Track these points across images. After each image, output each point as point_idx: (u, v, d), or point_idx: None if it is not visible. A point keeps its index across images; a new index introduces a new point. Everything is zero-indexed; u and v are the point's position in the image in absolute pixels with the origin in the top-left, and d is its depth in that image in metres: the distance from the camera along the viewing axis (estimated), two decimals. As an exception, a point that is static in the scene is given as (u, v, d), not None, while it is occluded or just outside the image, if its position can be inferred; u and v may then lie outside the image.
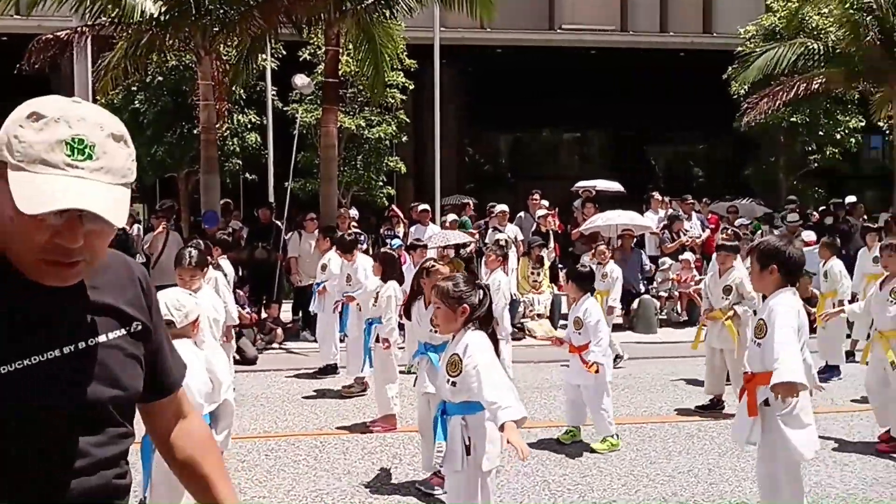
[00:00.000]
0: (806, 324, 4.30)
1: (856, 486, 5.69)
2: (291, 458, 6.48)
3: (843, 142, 18.46)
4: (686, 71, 20.04)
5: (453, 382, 3.97)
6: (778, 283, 4.29)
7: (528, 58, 20.64)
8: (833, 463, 6.09)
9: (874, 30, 13.98)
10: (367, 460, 6.41)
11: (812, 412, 4.23)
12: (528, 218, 14.46)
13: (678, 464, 6.27)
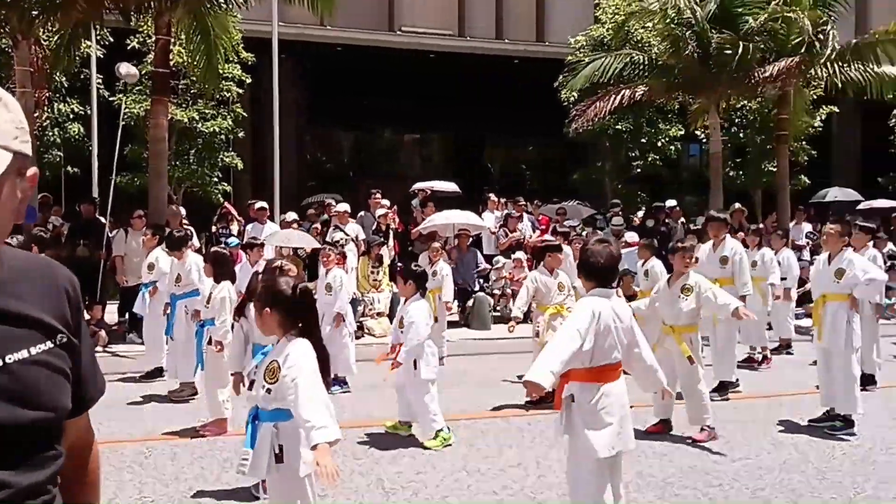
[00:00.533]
0: (619, 322, 4.30)
1: (673, 474, 6.04)
2: (115, 465, 6.13)
3: (663, 149, 19.62)
4: (520, 77, 20.67)
5: (268, 389, 3.84)
6: (586, 285, 4.45)
7: (368, 57, 20.61)
8: (653, 454, 6.44)
9: (693, 44, 14.94)
10: (197, 465, 6.18)
11: (621, 412, 4.27)
12: (368, 216, 14.46)
13: (509, 458, 6.43)
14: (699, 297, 6.98)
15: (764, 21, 14.73)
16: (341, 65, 20.72)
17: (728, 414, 7.81)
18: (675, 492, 5.65)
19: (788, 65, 14.53)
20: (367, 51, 20.81)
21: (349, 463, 6.27)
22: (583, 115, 15.65)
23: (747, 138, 20.38)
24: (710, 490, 5.69)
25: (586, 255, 4.45)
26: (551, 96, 18.41)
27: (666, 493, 5.63)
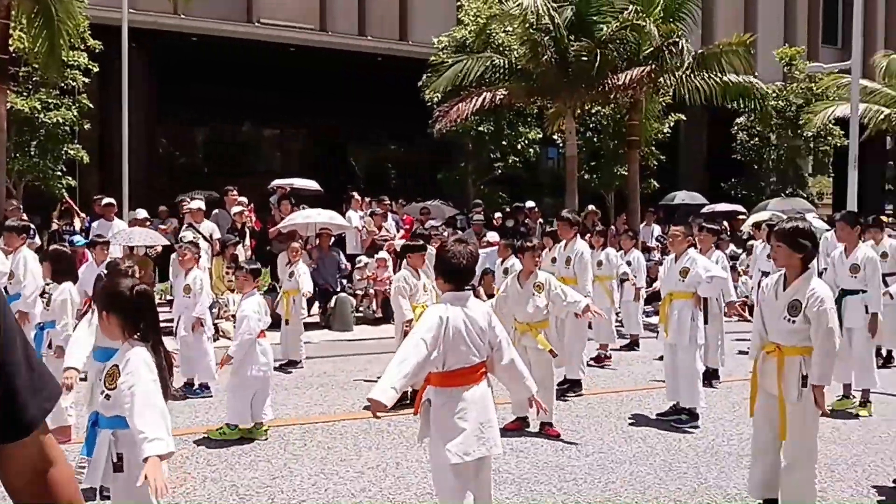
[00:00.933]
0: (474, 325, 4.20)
1: (529, 470, 6.12)
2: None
3: (523, 151, 20.04)
4: (384, 75, 20.59)
5: (107, 395, 3.64)
6: (442, 287, 4.36)
7: (225, 49, 19.98)
8: (510, 450, 6.50)
9: (551, 50, 15.29)
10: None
11: (480, 417, 4.16)
12: (224, 214, 13.99)
13: (368, 459, 6.34)
14: (549, 294, 7.13)
15: (616, 29, 15.26)
16: (197, 56, 19.99)
17: (581, 410, 8.02)
18: (531, 487, 5.73)
19: (640, 73, 15.12)
20: (224, 42, 20.17)
21: (202, 469, 6.03)
22: (446, 115, 15.73)
23: (601, 143, 21.12)
24: (563, 485, 5.80)
25: (446, 255, 4.30)
26: (415, 95, 18.45)
27: (522, 488, 5.70)
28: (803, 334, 4.82)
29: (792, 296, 4.84)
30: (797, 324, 4.81)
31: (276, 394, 8.71)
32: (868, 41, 23.34)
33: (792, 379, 4.81)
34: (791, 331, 4.85)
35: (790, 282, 4.90)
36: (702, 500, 5.53)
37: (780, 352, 4.88)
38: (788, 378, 4.83)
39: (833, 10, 29.87)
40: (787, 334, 4.87)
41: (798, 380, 4.78)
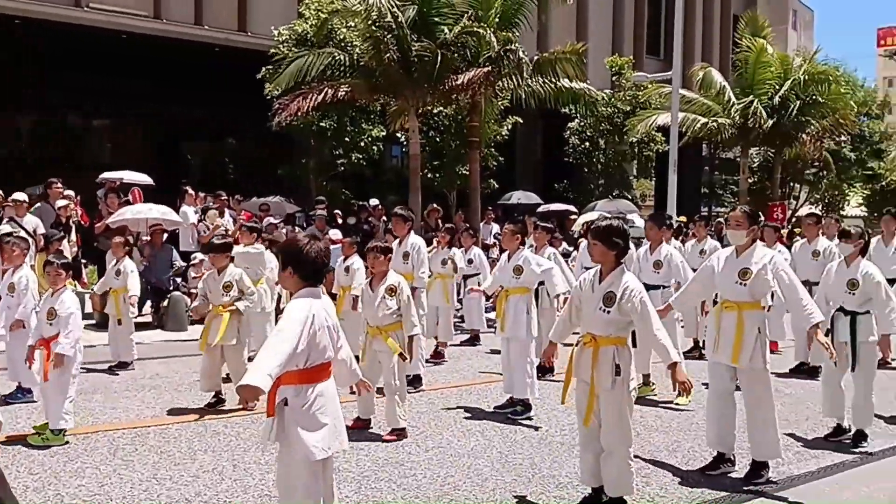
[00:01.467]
0: (330, 320, 4.24)
1: (369, 467, 6.14)
2: None
3: (366, 149, 20.04)
4: (222, 66, 19.98)
5: None
6: (298, 284, 4.25)
7: (52, 34, 18.73)
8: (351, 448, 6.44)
9: (393, 48, 15.36)
10: None
11: (335, 411, 4.20)
12: (47, 208, 13.14)
13: (203, 462, 6.16)
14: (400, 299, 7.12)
15: (458, 33, 15.56)
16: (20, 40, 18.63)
17: (422, 405, 8.13)
18: (371, 485, 5.76)
19: (478, 75, 15.49)
20: (50, 26, 18.90)
21: (23, 479, 5.66)
22: (286, 109, 15.47)
23: (444, 142, 21.46)
24: (403, 481, 5.87)
25: (303, 252, 4.20)
26: (255, 88, 18.01)
27: (362, 486, 5.72)
28: (617, 325, 5.17)
29: (606, 289, 5.19)
30: (612, 314, 5.15)
31: (105, 397, 8.33)
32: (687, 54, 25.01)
33: (606, 368, 5.13)
34: (606, 322, 5.19)
35: (605, 276, 5.25)
36: (536, 489, 5.75)
37: (595, 342, 5.19)
38: (602, 367, 5.14)
39: (657, 23, 31.77)
40: (603, 325, 5.20)
41: (612, 369, 5.12)
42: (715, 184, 34.48)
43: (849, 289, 7.10)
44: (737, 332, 6.02)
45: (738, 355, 6.00)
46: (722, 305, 6.23)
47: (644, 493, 5.72)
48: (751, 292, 6.06)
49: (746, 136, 23.07)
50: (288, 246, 4.29)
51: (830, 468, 6.48)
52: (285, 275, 4.23)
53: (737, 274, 6.11)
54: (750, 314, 6.03)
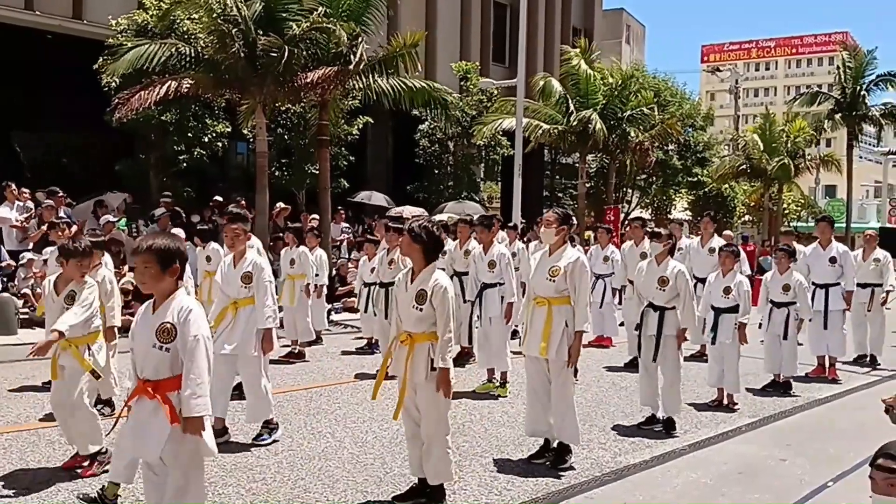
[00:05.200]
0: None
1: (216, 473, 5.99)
2: None
3: (210, 144, 19.41)
4: (56, 56, 18.79)
5: None
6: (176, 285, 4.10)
7: None
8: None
9: (239, 42, 14.95)
10: None
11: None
12: None
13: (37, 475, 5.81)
14: None
15: (306, 29, 15.34)
16: None
17: (272, 408, 8.00)
18: (219, 490, 5.63)
19: (327, 73, 15.36)
20: None
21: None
22: (126, 103, 14.73)
23: (293, 140, 21.14)
24: (253, 485, 5.77)
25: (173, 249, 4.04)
26: (92, 80, 17.03)
27: (210, 492, 5.55)
28: (429, 321, 5.37)
29: (418, 286, 5.39)
30: (424, 311, 5.35)
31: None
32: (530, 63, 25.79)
33: (420, 363, 5.35)
34: (419, 318, 5.38)
35: (416, 274, 5.45)
36: (388, 488, 5.81)
37: (411, 339, 5.39)
38: (417, 362, 5.36)
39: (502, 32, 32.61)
40: (416, 322, 5.40)
41: (426, 363, 5.33)
42: (556, 187, 35.87)
43: (659, 285, 7.70)
44: (545, 326, 6.39)
45: (546, 348, 6.37)
46: (534, 301, 6.57)
47: (492, 487, 5.90)
48: (558, 288, 6.46)
49: (585, 143, 24.22)
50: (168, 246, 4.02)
51: (662, 456, 6.93)
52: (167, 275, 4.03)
53: (547, 272, 6.51)
54: (559, 309, 6.43)
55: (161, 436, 3.93)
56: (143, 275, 4.04)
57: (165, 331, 3.95)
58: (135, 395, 4.05)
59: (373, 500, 5.60)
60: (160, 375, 3.97)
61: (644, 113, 24.87)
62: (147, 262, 4.01)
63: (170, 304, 4.01)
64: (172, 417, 3.91)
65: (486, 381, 9.20)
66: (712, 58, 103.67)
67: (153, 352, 3.96)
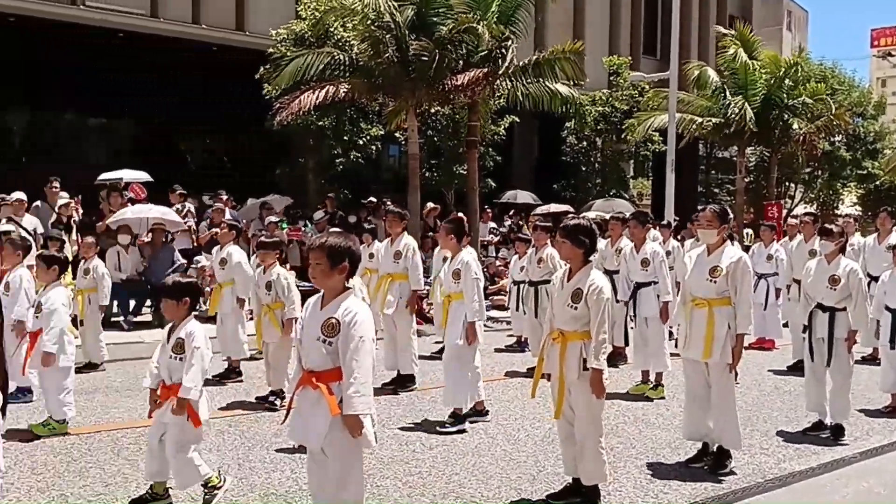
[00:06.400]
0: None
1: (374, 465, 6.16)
2: None
3: (365, 148, 20.04)
4: (220, 66, 19.95)
5: None
6: (343, 284, 4.21)
7: (48, 32, 18.68)
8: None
9: (392, 48, 15.35)
10: None
11: None
12: (45, 207, 13.12)
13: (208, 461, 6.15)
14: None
15: (452, 29, 15.53)
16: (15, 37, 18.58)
17: (424, 404, 8.16)
18: (377, 483, 5.78)
19: (476, 76, 15.50)
20: (46, 24, 18.86)
21: (27, 479, 5.66)
22: (287, 109, 15.45)
23: (442, 142, 21.47)
24: (409, 479, 5.89)
25: (343, 248, 4.17)
26: (253, 87, 17.98)
27: (368, 483, 5.70)
28: (583, 321, 5.30)
29: (574, 286, 5.33)
30: (579, 310, 5.29)
31: (106, 396, 8.34)
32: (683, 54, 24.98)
33: (573, 361, 5.29)
34: (573, 317, 5.32)
35: (573, 273, 5.39)
36: (541, 487, 5.78)
37: (563, 337, 5.34)
38: (570, 361, 5.30)
39: (653, 23, 31.77)
40: (570, 321, 5.34)
41: (579, 362, 5.27)
42: (711, 183, 34.56)
43: (830, 285, 7.25)
44: (707, 328, 6.15)
45: (709, 351, 6.12)
46: (693, 302, 6.33)
47: (648, 490, 5.77)
48: (719, 289, 6.20)
49: (742, 135, 23.13)
50: (339, 245, 4.18)
51: (830, 464, 6.54)
52: (336, 273, 4.16)
53: (707, 272, 6.25)
54: (720, 311, 6.18)
55: (323, 425, 4.07)
56: (313, 270, 4.21)
57: (331, 326, 4.09)
58: (300, 384, 4.22)
59: (526, 498, 5.60)
60: (323, 367, 4.12)
61: (807, 103, 23.42)
62: (318, 259, 4.17)
63: (339, 302, 4.15)
64: (334, 408, 4.04)
65: (639, 382, 9.00)
66: (883, 42, 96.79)
67: (317, 344, 4.12)
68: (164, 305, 5.33)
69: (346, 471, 4.17)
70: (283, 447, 6.45)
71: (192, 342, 5.13)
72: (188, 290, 5.29)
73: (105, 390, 8.64)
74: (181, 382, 5.06)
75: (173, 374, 5.14)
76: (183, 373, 5.08)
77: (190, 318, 5.28)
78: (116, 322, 12.02)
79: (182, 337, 5.14)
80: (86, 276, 9.78)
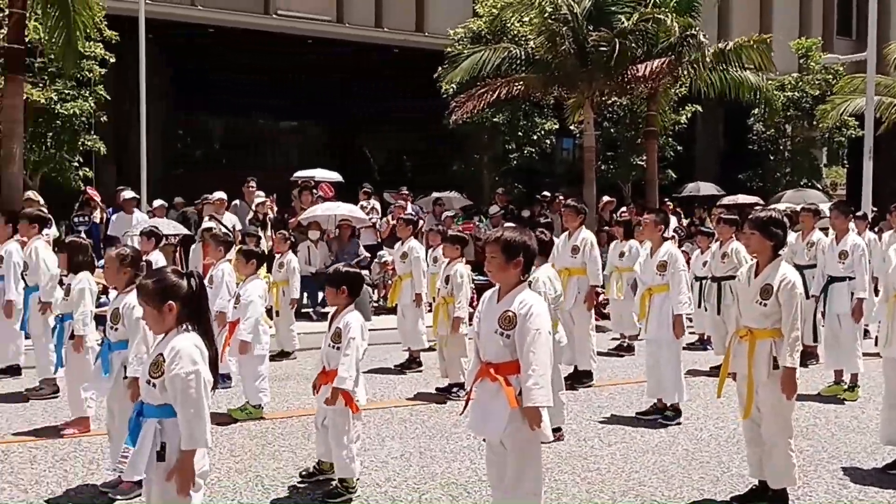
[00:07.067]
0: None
1: (552, 459, 6.14)
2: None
3: (539, 142, 20.01)
4: (400, 67, 20.57)
5: (153, 384, 3.65)
6: (519, 278, 4.24)
7: (242, 41, 20.00)
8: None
9: (569, 39, 15.23)
10: (59, 468, 5.81)
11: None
12: (243, 206, 14.05)
13: (391, 449, 6.38)
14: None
15: (637, 21, 15.19)
16: (213, 47, 20.03)
17: (602, 400, 8.05)
18: (555, 477, 5.75)
19: (660, 65, 15.07)
20: (241, 33, 20.19)
21: (226, 461, 6.07)
22: (462, 107, 15.70)
23: (618, 133, 21.05)
24: (587, 475, 5.82)
25: (519, 243, 4.18)
26: (430, 86, 18.42)
27: (546, 477, 5.70)
28: (774, 318, 5.00)
29: (763, 281, 5.04)
30: (768, 307, 5.00)
31: (297, 383, 8.80)
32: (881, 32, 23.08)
33: (762, 360, 5.01)
34: (763, 314, 5.04)
35: (762, 268, 5.11)
36: (724, 488, 5.55)
37: (751, 335, 5.06)
38: (759, 359, 5.02)
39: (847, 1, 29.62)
40: (759, 318, 5.06)
41: (768, 361, 4.98)
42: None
43: None
44: None
45: None
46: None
47: (841, 496, 5.42)
48: None
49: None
50: (514, 239, 4.19)
51: None
52: (510, 267, 4.18)
53: None
54: None
55: (502, 417, 4.08)
56: (489, 263, 4.23)
57: (507, 319, 4.10)
58: (478, 377, 4.26)
59: (710, 499, 5.39)
60: (501, 359, 4.13)
61: None
62: (493, 253, 4.19)
63: (514, 295, 4.15)
64: (512, 400, 4.04)
65: (832, 383, 8.43)
66: None
67: (494, 337, 4.15)
68: (326, 292, 5.61)
69: (525, 463, 4.17)
70: (463, 438, 6.55)
71: (348, 332, 5.26)
72: (347, 279, 5.40)
73: (297, 377, 9.11)
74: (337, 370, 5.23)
75: (331, 361, 5.34)
76: (339, 362, 5.23)
77: (350, 309, 5.40)
78: (306, 313, 12.64)
79: (340, 327, 5.31)
80: (280, 269, 10.37)
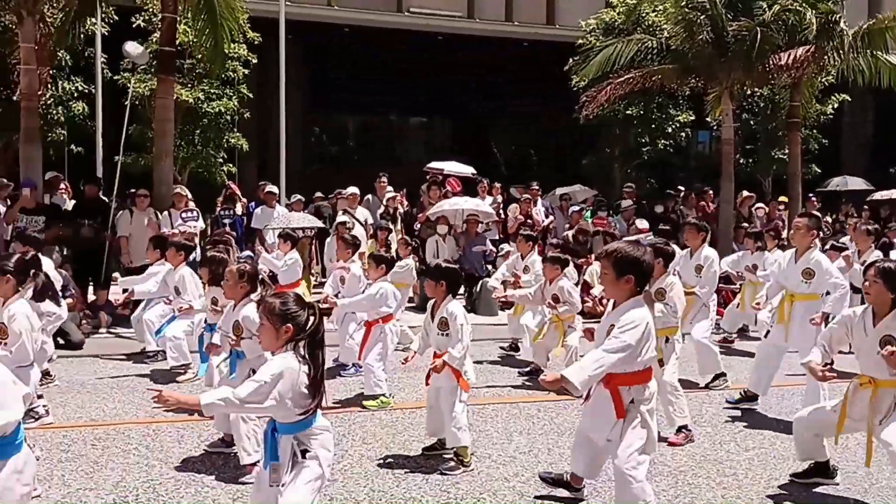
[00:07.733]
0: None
1: (685, 462, 5.95)
2: (121, 447, 6.08)
3: (673, 135, 19.44)
4: (530, 60, 20.46)
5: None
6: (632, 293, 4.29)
7: (376, 39, 20.43)
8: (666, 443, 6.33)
9: (706, 29, 14.70)
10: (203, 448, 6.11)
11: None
12: (375, 201, 14.37)
13: (519, 444, 6.35)
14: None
15: (778, 11, 14.54)
16: (349, 46, 20.55)
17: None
18: (689, 480, 5.58)
19: (805, 53, 14.34)
20: (374, 32, 20.63)
21: (358, 448, 6.21)
22: (593, 100, 15.44)
23: (757, 125, 20.18)
24: (723, 479, 5.62)
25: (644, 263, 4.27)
26: (560, 80, 18.23)
27: (679, 481, 5.56)
28: None
29: (883, 332, 4.85)
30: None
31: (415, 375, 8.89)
32: None
33: (883, 410, 4.83)
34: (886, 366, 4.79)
35: (880, 318, 4.90)
36: (874, 500, 5.23)
37: (873, 384, 4.89)
38: (880, 409, 4.85)
39: None
40: (882, 368, 4.82)
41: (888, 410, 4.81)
42: None
43: None
44: None
45: None
46: None
47: None
48: None
49: None
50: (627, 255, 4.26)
51: None
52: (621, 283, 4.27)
53: None
54: None
55: (608, 424, 4.34)
56: (602, 278, 4.42)
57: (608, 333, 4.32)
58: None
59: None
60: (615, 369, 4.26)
61: None
62: (605, 268, 4.34)
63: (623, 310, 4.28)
64: (620, 411, 4.27)
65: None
66: None
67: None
68: (426, 284, 6.04)
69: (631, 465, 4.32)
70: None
71: (455, 321, 5.75)
72: (445, 274, 5.86)
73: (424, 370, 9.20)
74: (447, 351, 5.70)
75: (440, 347, 5.85)
76: (449, 346, 5.71)
77: (449, 299, 5.86)
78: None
79: (445, 316, 5.80)
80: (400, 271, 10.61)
